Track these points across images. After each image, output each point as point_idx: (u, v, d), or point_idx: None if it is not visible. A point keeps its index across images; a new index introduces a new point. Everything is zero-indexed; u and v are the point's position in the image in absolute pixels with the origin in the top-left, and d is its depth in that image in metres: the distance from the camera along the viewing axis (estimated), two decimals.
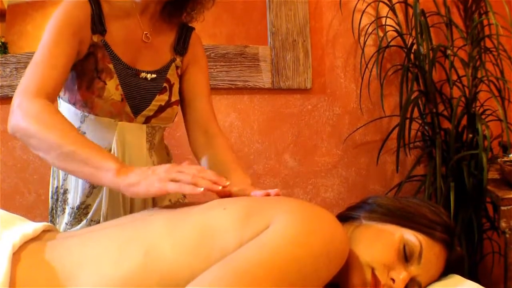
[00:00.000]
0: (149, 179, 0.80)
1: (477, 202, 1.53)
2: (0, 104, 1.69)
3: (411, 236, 0.78)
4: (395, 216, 0.81)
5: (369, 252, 0.77)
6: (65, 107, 1.07)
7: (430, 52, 1.69)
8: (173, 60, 1.15)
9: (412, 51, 1.82)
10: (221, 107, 1.88)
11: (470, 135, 1.59)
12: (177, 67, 1.16)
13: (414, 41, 1.81)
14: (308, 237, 0.64)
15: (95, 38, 1.03)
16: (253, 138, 1.91)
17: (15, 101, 0.91)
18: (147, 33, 1.11)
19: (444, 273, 0.82)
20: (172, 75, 1.14)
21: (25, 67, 1.04)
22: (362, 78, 1.88)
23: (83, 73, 1.03)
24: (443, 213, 0.83)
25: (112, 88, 1.03)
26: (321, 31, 1.96)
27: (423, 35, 1.73)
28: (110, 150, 1.05)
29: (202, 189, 0.77)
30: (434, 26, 1.88)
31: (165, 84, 1.12)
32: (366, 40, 1.93)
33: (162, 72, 1.12)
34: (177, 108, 1.17)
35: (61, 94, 1.08)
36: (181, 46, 1.17)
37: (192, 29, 1.21)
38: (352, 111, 1.96)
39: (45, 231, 0.78)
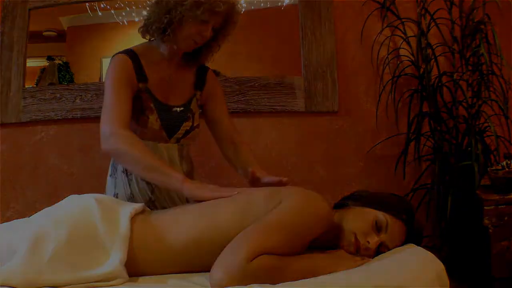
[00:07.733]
0: (204, 189, 1.23)
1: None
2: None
3: (381, 215, 1.15)
4: (371, 202, 1.18)
5: (353, 224, 1.15)
6: None
7: (436, 79, 2.01)
8: (194, 95, 1.53)
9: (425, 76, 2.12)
10: (264, 127, 2.23)
11: (469, 148, 1.88)
12: (197, 100, 1.54)
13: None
14: (303, 208, 1.05)
15: (140, 85, 1.42)
16: (290, 153, 2.25)
17: (107, 129, 1.28)
18: (171, 75, 1.49)
19: (405, 243, 1.18)
20: (194, 106, 1.52)
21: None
22: (378, 103, 2.18)
23: (134, 111, 1.40)
24: (405, 202, 1.20)
25: (153, 120, 1.43)
26: (346, 62, 2.28)
27: (433, 63, 2.05)
28: None
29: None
30: (442, 55, 2.17)
31: (189, 114, 1.50)
32: (384, 69, 2.21)
33: (187, 105, 1.50)
34: (199, 130, 1.55)
35: None
36: (200, 83, 1.55)
37: (208, 68, 1.59)
38: (372, 129, 2.24)
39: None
